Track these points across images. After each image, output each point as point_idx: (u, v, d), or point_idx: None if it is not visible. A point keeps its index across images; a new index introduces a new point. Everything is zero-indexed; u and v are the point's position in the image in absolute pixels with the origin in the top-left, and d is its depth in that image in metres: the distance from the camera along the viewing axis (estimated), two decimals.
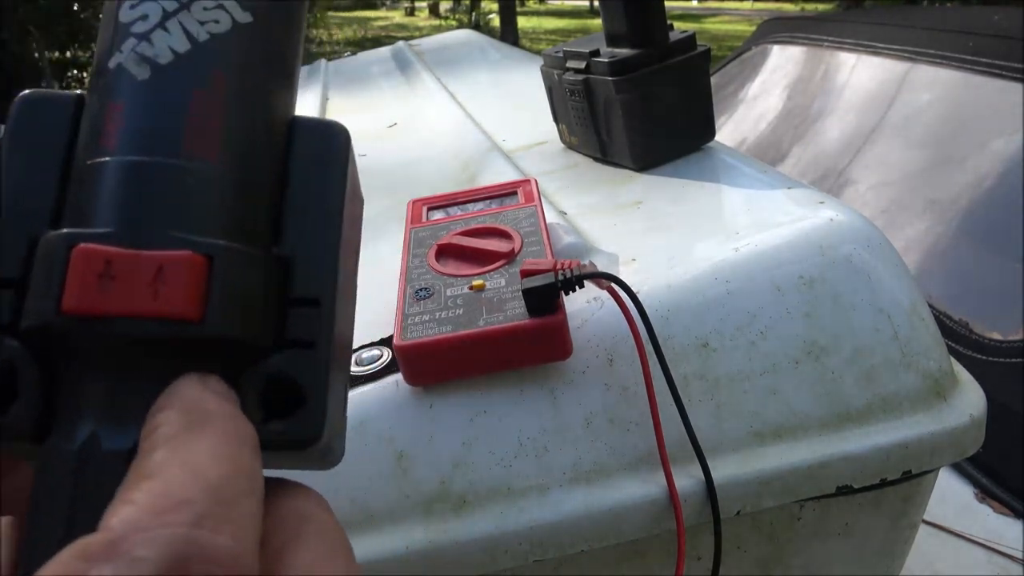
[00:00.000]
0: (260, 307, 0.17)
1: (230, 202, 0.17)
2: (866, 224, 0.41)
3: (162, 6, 0.18)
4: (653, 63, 0.53)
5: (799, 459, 0.36)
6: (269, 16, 0.19)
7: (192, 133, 0.17)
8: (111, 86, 0.18)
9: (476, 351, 0.34)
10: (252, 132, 0.18)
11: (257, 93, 0.19)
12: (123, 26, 0.18)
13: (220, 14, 0.18)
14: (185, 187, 0.17)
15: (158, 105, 0.17)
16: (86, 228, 0.16)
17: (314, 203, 0.19)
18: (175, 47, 0.18)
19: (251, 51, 0.19)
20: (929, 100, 1.17)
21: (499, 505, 0.35)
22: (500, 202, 0.47)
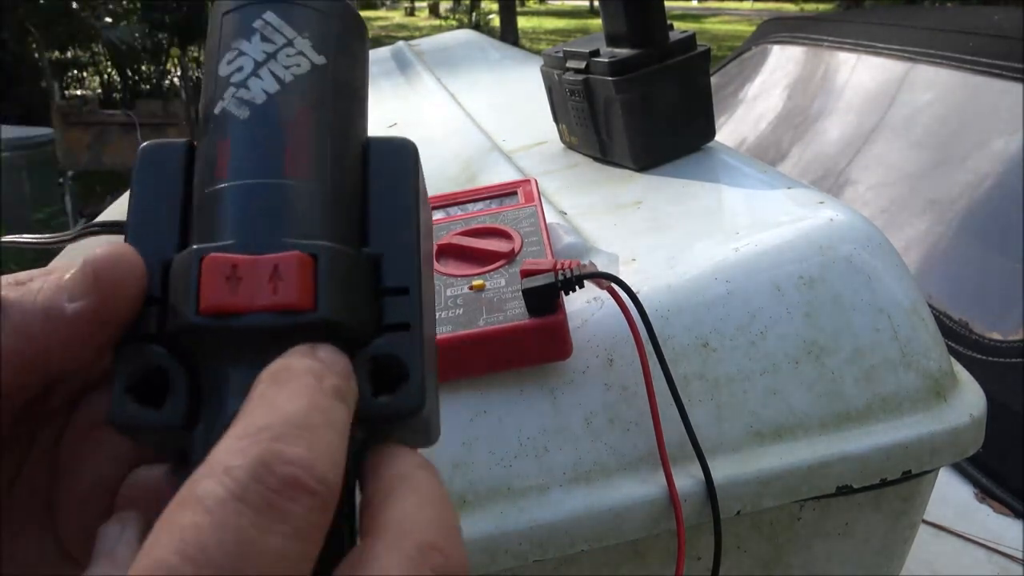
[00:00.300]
0: (361, 296, 0.20)
1: (325, 211, 0.21)
2: (866, 224, 0.41)
3: (253, 59, 0.22)
4: (653, 63, 0.53)
5: (799, 459, 0.36)
6: (337, 56, 0.23)
7: (289, 156, 0.21)
8: (219, 127, 0.21)
9: (476, 351, 0.34)
10: (337, 152, 0.22)
11: (339, 118, 0.22)
12: (223, 79, 0.22)
13: (300, 59, 0.22)
14: (288, 201, 0.20)
15: (259, 137, 0.21)
16: (211, 243, 0.19)
17: (392, 208, 0.22)
18: (267, 89, 0.21)
19: (326, 85, 0.22)
20: (929, 100, 1.17)
21: (499, 505, 0.35)
22: (500, 202, 0.47)
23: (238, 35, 0.22)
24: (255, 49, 0.22)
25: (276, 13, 0.22)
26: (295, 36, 0.22)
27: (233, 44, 0.22)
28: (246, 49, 0.22)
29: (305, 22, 0.22)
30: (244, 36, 0.22)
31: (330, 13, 0.23)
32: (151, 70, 6.50)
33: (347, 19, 0.24)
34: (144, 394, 0.19)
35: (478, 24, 12.63)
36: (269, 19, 0.22)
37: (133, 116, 4.21)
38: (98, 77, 6.74)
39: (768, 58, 1.61)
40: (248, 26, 0.22)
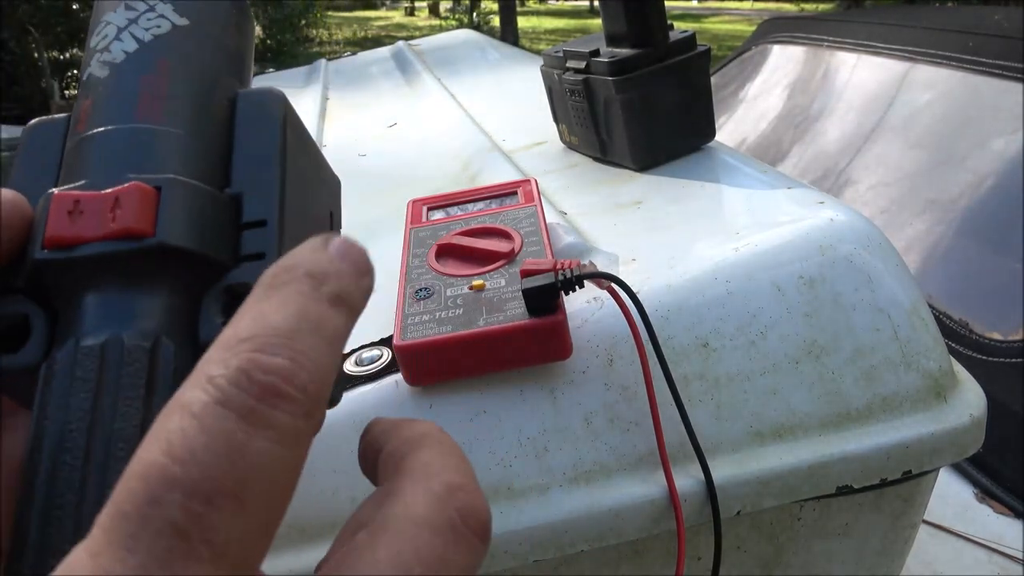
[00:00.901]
0: (212, 227, 0.21)
1: (178, 152, 0.22)
2: (866, 224, 0.41)
3: (116, 26, 0.23)
4: (653, 63, 0.53)
5: (799, 459, 0.36)
6: (201, 17, 0.25)
7: (142, 105, 0.22)
8: (84, 91, 0.23)
9: (476, 351, 0.34)
10: (197, 101, 0.23)
11: (200, 71, 0.24)
12: (90, 49, 0.23)
13: (161, 21, 0.24)
14: (138, 143, 0.21)
15: (115, 88, 0.22)
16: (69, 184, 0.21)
17: (256, 151, 0.23)
18: (126, 49, 0.23)
19: (189, 44, 0.24)
20: (929, 100, 1.17)
21: (499, 505, 0.35)
22: (500, 202, 0.47)
23: (106, 9, 0.24)
24: (119, 17, 0.24)
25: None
26: (157, 2, 0.24)
27: (102, 18, 0.24)
28: (111, 19, 0.24)
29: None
30: (111, 8, 0.24)
31: None
32: None
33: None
34: (9, 342, 0.20)
35: (478, 24, 12.63)
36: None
37: None
38: None
39: (768, 58, 1.61)
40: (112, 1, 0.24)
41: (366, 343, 0.39)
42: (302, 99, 1.04)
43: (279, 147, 0.23)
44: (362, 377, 0.37)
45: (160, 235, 0.19)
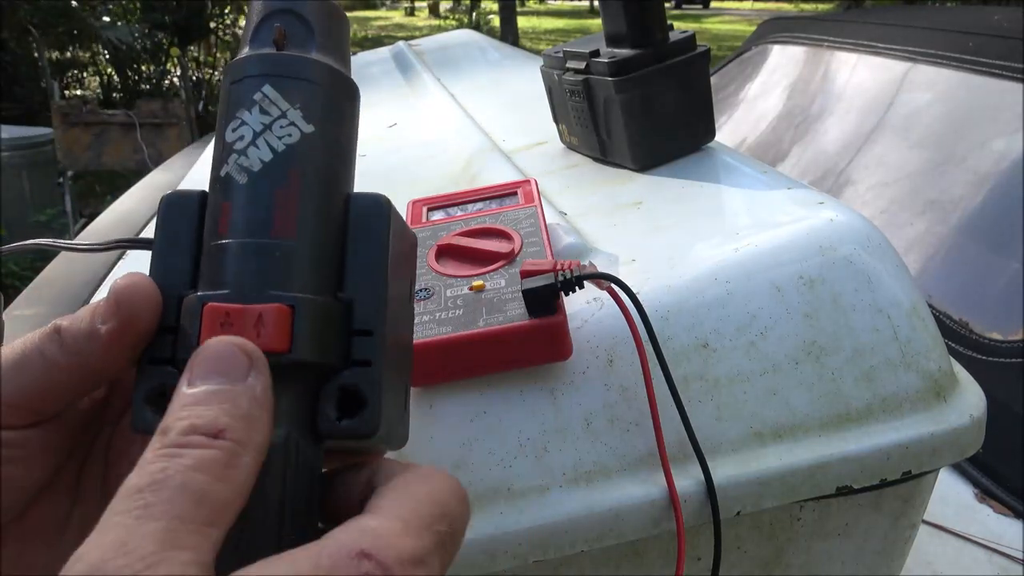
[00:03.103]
0: (332, 337, 0.25)
1: (306, 266, 0.25)
2: (866, 224, 0.41)
3: (253, 129, 0.26)
4: (653, 63, 0.53)
5: (799, 459, 0.36)
6: (325, 123, 0.27)
7: (278, 219, 0.25)
8: (224, 189, 0.25)
9: (476, 352, 0.34)
10: (319, 211, 0.26)
11: (323, 180, 0.26)
12: (228, 144, 0.26)
13: (292, 129, 0.26)
14: (274, 258, 0.24)
15: (253, 201, 0.25)
16: (212, 291, 0.24)
17: (365, 258, 0.26)
18: (263, 158, 0.25)
19: (315, 151, 0.26)
20: (929, 100, 1.16)
21: (499, 505, 0.35)
22: (500, 202, 0.47)
23: (241, 105, 0.26)
24: (254, 120, 0.26)
25: (273, 86, 0.26)
26: (288, 108, 0.26)
27: (237, 113, 0.26)
28: (247, 119, 0.26)
29: (298, 94, 0.26)
30: (246, 107, 0.26)
31: (321, 83, 0.27)
32: (151, 70, 6.49)
33: (337, 86, 0.28)
34: (159, 405, 0.23)
35: (478, 24, 12.62)
36: (267, 92, 0.26)
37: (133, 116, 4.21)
38: (98, 77, 6.73)
39: (768, 58, 1.61)
40: (249, 98, 0.26)
41: None
42: None
43: (384, 256, 0.26)
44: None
45: (295, 352, 0.23)
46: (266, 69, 0.26)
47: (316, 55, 0.27)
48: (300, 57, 0.27)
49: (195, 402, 0.21)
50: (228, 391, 0.22)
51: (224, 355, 0.22)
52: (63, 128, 4.02)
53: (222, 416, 0.21)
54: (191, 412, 0.21)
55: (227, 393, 0.22)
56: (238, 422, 0.21)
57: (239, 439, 0.21)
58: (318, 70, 0.27)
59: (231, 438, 0.21)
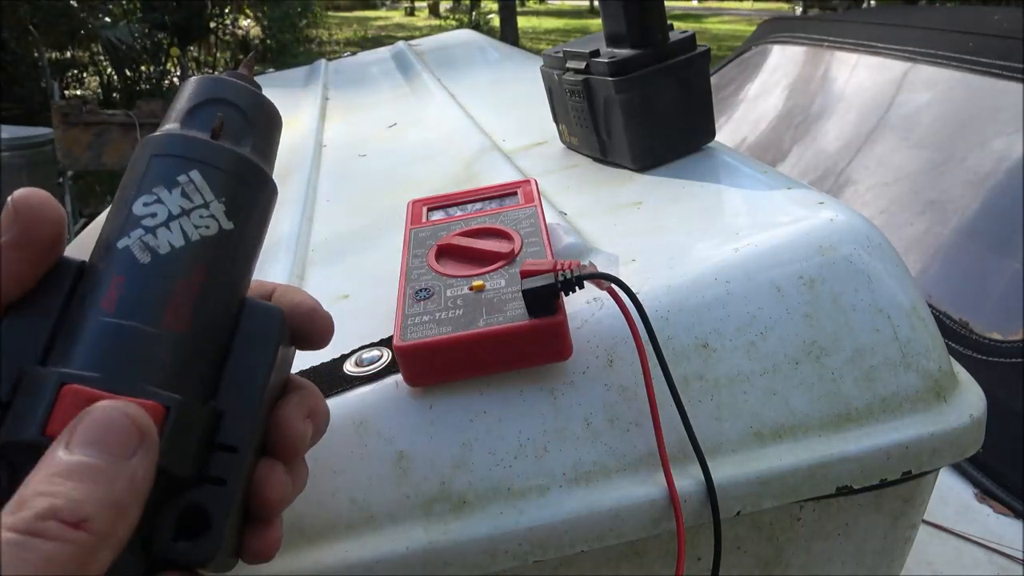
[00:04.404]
0: (194, 448, 0.23)
1: (187, 365, 0.23)
2: (866, 224, 0.41)
3: (169, 210, 0.24)
4: (653, 63, 0.53)
5: (799, 459, 0.36)
6: (246, 224, 0.25)
7: (171, 310, 0.23)
8: (118, 262, 0.23)
9: (476, 352, 0.34)
10: (215, 312, 0.24)
11: (228, 281, 0.25)
12: (135, 217, 0.24)
13: (211, 222, 0.24)
14: (157, 351, 0.22)
15: (152, 285, 0.23)
16: (79, 371, 0.21)
17: (246, 371, 0.25)
18: (173, 243, 0.23)
19: (227, 250, 0.25)
20: (929, 100, 1.16)
21: (499, 506, 0.35)
22: (500, 202, 0.47)
23: (161, 182, 0.24)
24: (173, 201, 0.24)
25: (201, 174, 0.24)
26: (212, 200, 0.24)
27: (154, 189, 0.24)
28: (165, 199, 0.24)
29: (224, 187, 0.25)
30: (166, 186, 0.24)
31: (250, 183, 0.26)
32: (151, 70, 6.49)
33: (263, 189, 0.26)
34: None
35: (478, 24, 12.62)
36: (194, 177, 0.24)
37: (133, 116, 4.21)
38: (98, 77, 6.73)
39: (768, 58, 1.61)
40: (172, 178, 0.24)
41: (366, 344, 0.39)
42: (302, 99, 1.04)
43: (266, 373, 0.25)
44: (362, 378, 0.37)
45: (161, 458, 0.21)
46: (197, 154, 0.25)
47: (250, 154, 0.26)
48: (236, 153, 0.26)
49: (65, 475, 0.18)
50: (106, 470, 0.19)
51: (114, 425, 0.19)
52: (63, 128, 4.02)
53: (89, 502, 0.18)
54: (57, 489, 0.18)
55: (104, 473, 0.19)
56: (106, 511, 0.18)
57: (101, 532, 0.18)
58: (249, 169, 0.26)
59: (93, 531, 0.18)
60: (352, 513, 0.34)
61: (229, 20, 6.89)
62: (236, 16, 6.98)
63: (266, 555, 0.25)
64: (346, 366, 0.37)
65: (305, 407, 0.27)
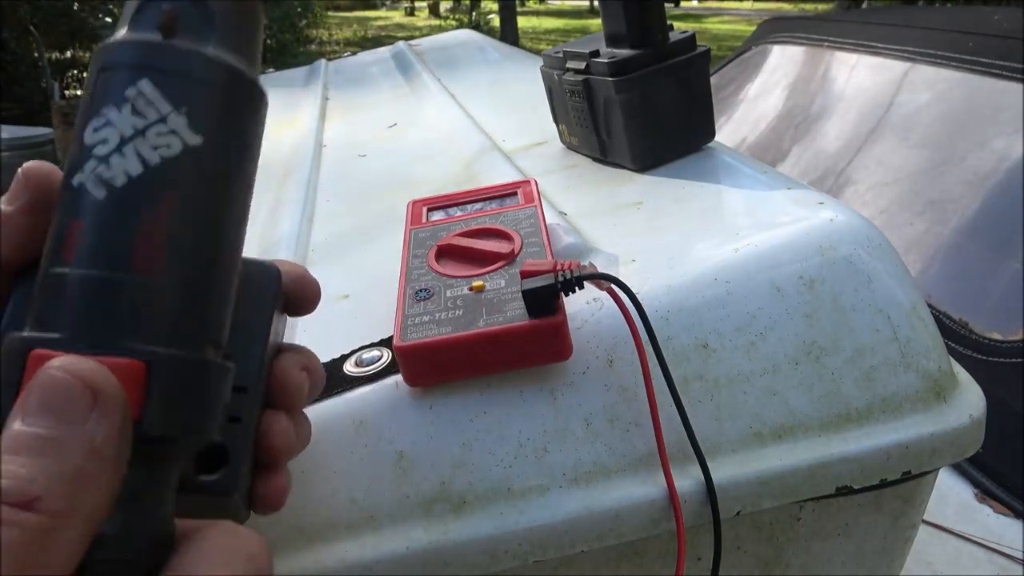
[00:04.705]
0: (192, 406, 0.20)
1: (170, 311, 0.20)
2: (866, 224, 0.41)
3: (120, 132, 0.20)
4: (653, 63, 0.53)
5: (799, 460, 0.36)
6: (217, 135, 0.21)
7: (139, 252, 0.20)
8: (73, 203, 0.20)
9: (476, 352, 0.34)
10: (195, 248, 0.21)
11: (202, 210, 0.21)
12: (86, 148, 0.20)
13: (172, 139, 0.20)
14: (129, 299, 0.19)
15: (112, 223, 0.20)
16: (43, 332, 0.19)
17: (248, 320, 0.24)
18: (129, 171, 0.20)
19: (198, 170, 0.21)
20: (929, 100, 1.16)
21: (499, 506, 0.35)
22: (500, 203, 0.47)
23: (107, 100, 0.20)
24: (124, 121, 0.20)
25: (152, 82, 0.20)
26: (170, 112, 0.20)
27: (103, 109, 0.20)
28: (114, 119, 0.20)
29: (184, 95, 0.21)
30: (114, 103, 0.20)
31: (216, 85, 0.21)
32: None
33: (236, 90, 0.22)
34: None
35: (478, 24, 12.62)
36: (143, 88, 0.20)
37: None
38: None
39: (768, 58, 1.61)
40: (119, 93, 0.20)
41: (366, 344, 0.39)
42: (302, 99, 1.04)
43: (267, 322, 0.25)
44: (362, 378, 0.37)
45: (146, 425, 0.19)
46: (145, 60, 0.21)
47: (213, 50, 0.22)
48: (192, 51, 0.21)
49: (14, 449, 0.17)
50: (56, 440, 0.17)
51: (57, 387, 0.17)
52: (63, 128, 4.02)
53: (39, 478, 0.16)
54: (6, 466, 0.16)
55: (55, 443, 0.17)
56: (60, 486, 0.16)
57: (57, 510, 0.16)
58: (213, 68, 0.21)
59: (45, 511, 0.16)
60: (352, 513, 0.34)
61: None
62: None
63: (276, 503, 0.25)
64: (346, 366, 0.38)
65: (302, 361, 0.27)
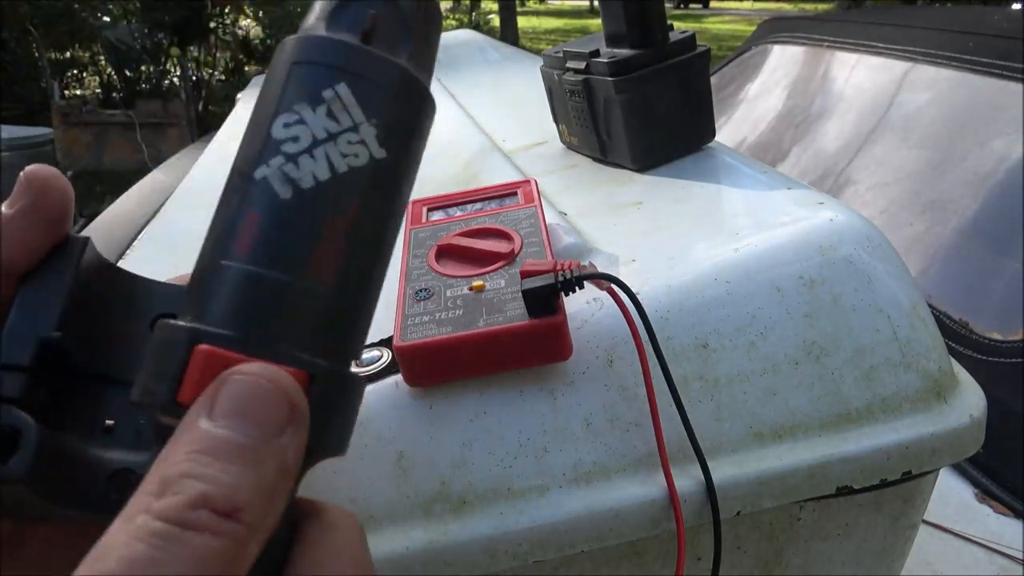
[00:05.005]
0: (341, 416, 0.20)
1: (335, 323, 0.20)
2: (866, 225, 0.41)
3: (313, 133, 0.20)
4: (653, 63, 0.53)
5: (799, 460, 0.36)
6: (400, 152, 0.21)
7: (317, 258, 0.19)
8: (253, 195, 0.19)
9: (476, 352, 0.34)
10: (362, 261, 0.20)
11: (373, 226, 0.21)
12: (274, 142, 0.20)
13: (360, 149, 0.20)
14: (301, 306, 0.19)
15: (293, 226, 0.19)
16: (206, 325, 0.18)
17: None
18: (317, 175, 0.19)
19: (378, 185, 0.20)
20: (929, 100, 1.16)
21: (499, 506, 0.35)
22: (500, 202, 0.47)
23: (303, 99, 0.20)
24: (317, 123, 0.20)
25: (350, 88, 0.20)
26: (363, 121, 0.20)
27: (295, 106, 0.20)
28: (308, 119, 0.20)
29: (377, 106, 0.20)
30: (309, 103, 0.20)
31: (407, 100, 0.21)
32: (151, 70, 6.49)
33: (422, 107, 0.22)
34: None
35: (478, 24, 12.62)
36: (341, 92, 0.20)
37: (133, 116, 4.21)
38: (98, 77, 6.73)
39: (768, 58, 1.61)
40: (317, 93, 0.20)
41: (366, 344, 0.39)
42: None
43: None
44: (362, 378, 0.37)
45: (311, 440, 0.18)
46: (346, 63, 0.20)
47: (405, 62, 0.21)
48: (390, 61, 0.21)
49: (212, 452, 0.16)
50: (257, 451, 0.16)
51: (262, 397, 0.17)
52: (63, 128, 4.03)
53: (244, 488, 0.15)
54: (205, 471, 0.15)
55: (255, 453, 0.16)
56: (259, 499, 0.16)
57: (254, 524, 0.15)
58: (406, 83, 0.21)
59: (246, 522, 0.15)
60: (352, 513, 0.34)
61: (229, 20, 6.89)
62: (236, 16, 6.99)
63: None
64: None
65: None
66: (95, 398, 0.22)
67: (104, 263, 0.24)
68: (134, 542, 0.14)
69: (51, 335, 0.21)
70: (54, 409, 0.21)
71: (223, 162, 0.85)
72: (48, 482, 0.19)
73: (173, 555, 0.14)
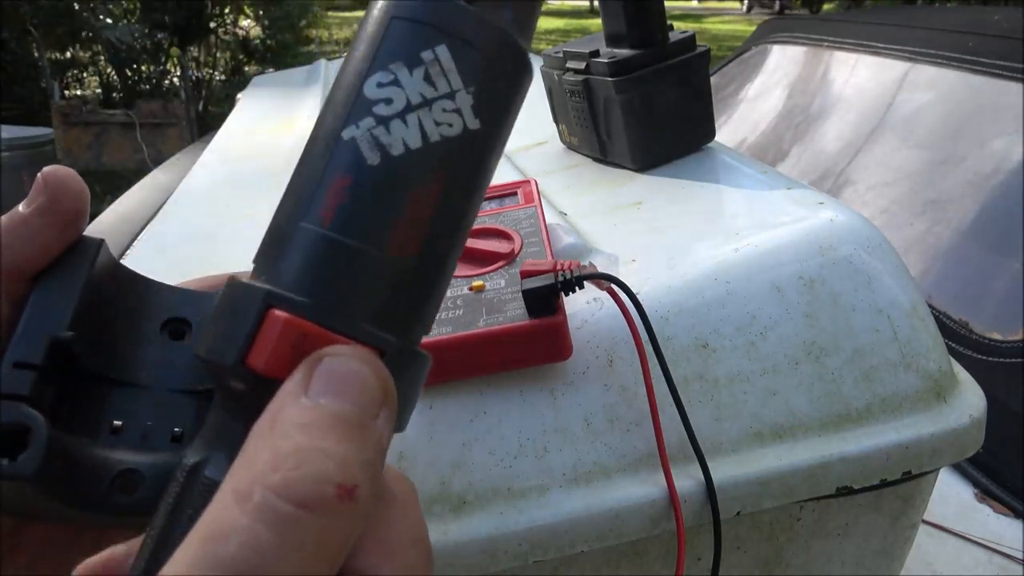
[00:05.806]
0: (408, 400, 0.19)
1: (411, 301, 0.19)
2: (866, 225, 0.41)
3: (407, 97, 0.18)
4: (653, 63, 0.53)
5: (799, 460, 0.36)
6: (492, 124, 0.20)
7: (400, 232, 0.18)
8: (343, 158, 0.18)
9: (476, 352, 0.34)
10: (445, 237, 0.19)
11: (460, 201, 0.20)
12: (366, 101, 0.19)
13: (455, 118, 0.19)
14: (380, 280, 0.18)
15: (379, 195, 0.18)
16: (282, 289, 0.17)
17: None
18: (408, 142, 0.18)
19: (472, 156, 0.19)
20: (929, 100, 1.16)
21: (499, 506, 0.35)
22: (500, 202, 0.47)
23: (400, 58, 0.19)
24: (413, 87, 0.18)
25: (451, 51, 0.19)
26: (460, 88, 0.19)
27: (391, 65, 0.19)
28: (404, 81, 0.19)
29: (475, 73, 0.19)
30: (407, 64, 0.19)
31: (507, 70, 0.20)
32: (151, 70, 6.49)
33: (520, 77, 0.20)
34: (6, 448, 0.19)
35: None
36: (441, 55, 0.19)
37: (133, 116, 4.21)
38: (98, 77, 6.73)
39: (768, 58, 1.61)
40: (415, 53, 0.19)
41: None
42: (302, 99, 1.04)
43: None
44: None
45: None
46: (448, 24, 0.19)
47: (511, 26, 0.20)
48: (495, 26, 0.19)
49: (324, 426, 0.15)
50: (363, 430, 0.15)
51: (356, 376, 0.16)
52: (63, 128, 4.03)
53: (358, 465, 0.14)
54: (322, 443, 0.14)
55: (361, 432, 0.15)
56: (369, 479, 0.15)
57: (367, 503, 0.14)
58: (508, 50, 0.20)
59: (364, 500, 0.14)
60: None
61: (229, 20, 6.89)
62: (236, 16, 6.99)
63: None
64: None
65: None
66: (102, 399, 0.22)
67: (116, 265, 0.24)
68: (256, 524, 0.13)
69: (63, 335, 0.21)
70: (62, 409, 0.21)
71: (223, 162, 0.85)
72: (55, 481, 0.19)
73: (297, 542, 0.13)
